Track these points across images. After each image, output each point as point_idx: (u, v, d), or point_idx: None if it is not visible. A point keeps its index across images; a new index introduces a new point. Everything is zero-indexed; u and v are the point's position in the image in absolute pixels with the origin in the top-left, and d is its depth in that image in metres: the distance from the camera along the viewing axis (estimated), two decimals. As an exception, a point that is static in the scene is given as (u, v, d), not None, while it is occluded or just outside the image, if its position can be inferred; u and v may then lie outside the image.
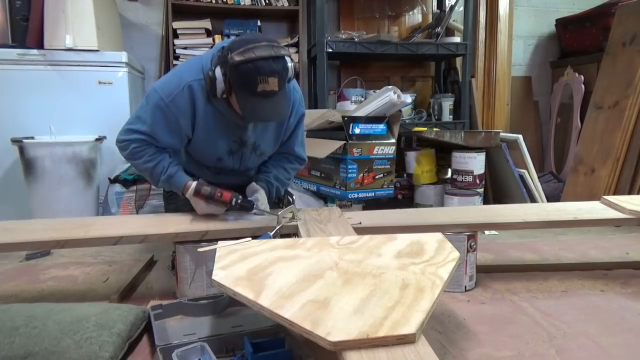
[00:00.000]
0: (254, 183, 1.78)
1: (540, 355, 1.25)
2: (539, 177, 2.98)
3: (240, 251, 1.23)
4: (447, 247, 1.25)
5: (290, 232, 1.59)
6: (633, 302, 1.59)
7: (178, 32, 3.21)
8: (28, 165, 2.48)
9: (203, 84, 1.59)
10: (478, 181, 2.80)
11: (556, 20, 3.94)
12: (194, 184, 1.65)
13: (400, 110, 2.72)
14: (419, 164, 2.94)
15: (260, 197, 1.72)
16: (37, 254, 2.15)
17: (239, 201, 1.63)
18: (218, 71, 1.51)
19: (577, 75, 3.63)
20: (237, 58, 1.44)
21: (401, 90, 2.54)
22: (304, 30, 3.53)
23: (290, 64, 1.52)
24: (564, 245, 2.30)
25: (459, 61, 3.57)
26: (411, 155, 2.98)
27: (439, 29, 3.33)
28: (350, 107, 3.20)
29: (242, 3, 3.27)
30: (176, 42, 3.20)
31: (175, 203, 1.87)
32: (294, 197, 1.95)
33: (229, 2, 3.25)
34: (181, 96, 1.59)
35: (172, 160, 1.69)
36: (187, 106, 1.60)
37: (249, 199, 1.70)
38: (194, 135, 1.67)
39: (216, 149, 1.72)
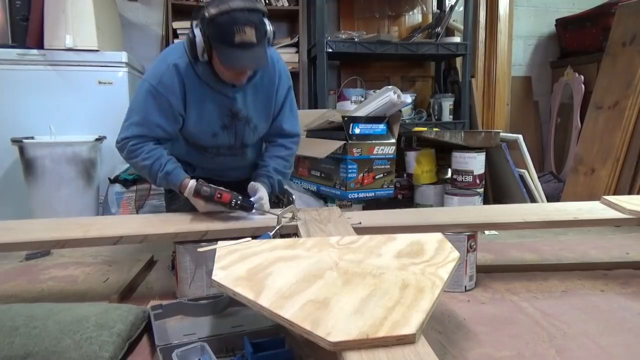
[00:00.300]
0: (253, 182, 1.77)
1: (540, 355, 1.25)
2: (539, 177, 2.98)
3: (240, 251, 1.23)
4: (447, 247, 1.25)
5: (290, 232, 1.59)
6: (633, 302, 1.59)
7: (178, 32, 3.21)
8: (28, 165, 2.48)
9: (187, 60, 1.63)
10: (478, 181, 2.80)
11: (556, 20, 3.94)
12: (192, 182, 1.64)
13: (400, 110, 2.72)
14: (419, 164, 2.94)
15: (263, 196, 1.71)
16: (37, 254, 2.15)
17: (239, 202, 1.63)
18: (197, 31, 1.54)
19: (577, 75, 3.63)
20: (213, 11, 1.48)
21: (401, 90, 2.54)
22: (304, 30, 3.53)
23: (268, 27, 1.58)
24: (564, 245, 2.30)
25: (459, 61, 3.57)
26: (411, 155, 2.98)
27: (439, 29, 3.33)
28: (350, 107, 3.20)
29: (242, 3, 3.26)
30: (176, 42, 3.20)
31: (176, 203, 1.87)
32: (294, 197, 1.95)
33: (229, 2, 3.24)
34: (168, 76, 1.63)
35: (170, 158, 1.69)
36: (175, 84, 1.63)
37: (251, 199, 1.69)
38: (187, 113, 1.69)
39: (210, 123, 1.73)
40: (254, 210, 1.65)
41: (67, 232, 1.54)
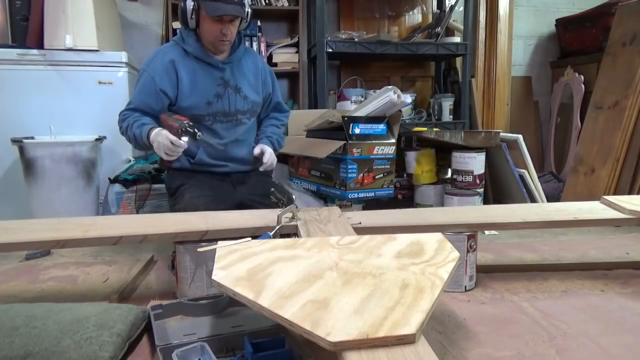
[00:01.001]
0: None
1: (540, 355, 1.25)
2: (539, 177, 2.98)
3: (240, 251, 1.23)
4: (447, 247, 1.25)
5: (290, 232, 1.59)
6: (633, 302, 1.59)
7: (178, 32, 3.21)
8: (28, 165, 2.48)
9: (177, 46, 1.98)
10: (478, 181, 2.80)
11: (556, 20, 3.94)
12: (157, 129, 1.83)
13: (400, 110, 2.71)
14: (419, 164, 2.94)
15: (265, 149, 2.08)
16: (37, 254, 2.15)
17: (186, 127, 1.78)
18: (188, 0, 1.88)
19: (577, 75, 3.63)
20: None
21: (401, 90, 2.54)
22: (304, 30, 3.53)
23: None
24: (564, 245, 2.30)
25: (459, 61, 3.57)
26: (411, 155, 2.98)
27: (439, 29, 3.33)
28: (350, 107, 3.20)
29: (242, 3, 3.26)
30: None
31: (180, 204, 1.89)
32: (294, 197, 1.95)
33: (229, 2, 3.24)
34: (156, 60, 1.95)
35: (146, 123, 1.88)
36: (163, 66, 1.93)
37: (254, 151, 2.08)
38: (181, 87, 1.95)
39: (203, 93, 1.99)
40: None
41: (67, 232, 1.54)
